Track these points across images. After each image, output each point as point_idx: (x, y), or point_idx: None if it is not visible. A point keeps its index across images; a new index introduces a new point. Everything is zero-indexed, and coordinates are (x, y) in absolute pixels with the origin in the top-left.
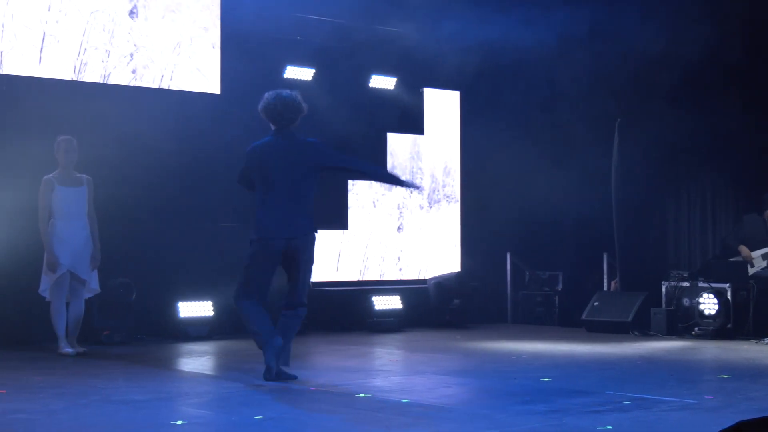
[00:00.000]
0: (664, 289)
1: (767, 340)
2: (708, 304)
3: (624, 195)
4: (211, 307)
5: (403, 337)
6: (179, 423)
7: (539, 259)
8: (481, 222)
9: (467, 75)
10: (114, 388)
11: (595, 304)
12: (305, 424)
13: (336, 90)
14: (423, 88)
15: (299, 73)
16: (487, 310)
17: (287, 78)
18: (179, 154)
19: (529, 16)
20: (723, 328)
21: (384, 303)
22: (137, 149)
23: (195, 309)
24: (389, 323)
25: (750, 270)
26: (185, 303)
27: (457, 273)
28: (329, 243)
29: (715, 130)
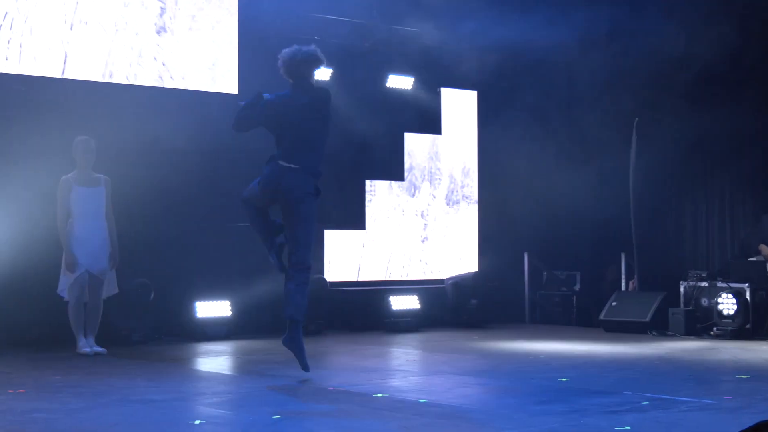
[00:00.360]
0: (682, 289)
1: None
2: (727, 304)
3: (642, 195)
4: (229, 307)
5: (421, 337)
6: (197, 422)
7: (557, 259)
8: (499, 222)
9: (485, 75)
10: (132, 387)
11: (613, 304)
12: (323, 423)
13: (354, 90)
14: (440, 87)
15: (317, 73)
16: (505, 310)
17: None
18: (197, 154)
19: (547, 16)
20: (742, 328)
21: (402, 303)
22: (155, 149)
23: (213, 309)
24: (407, 323)
25: None
26: (203, 303)
27: (475, 273)
28: (347, 243)
29: (734, 129)
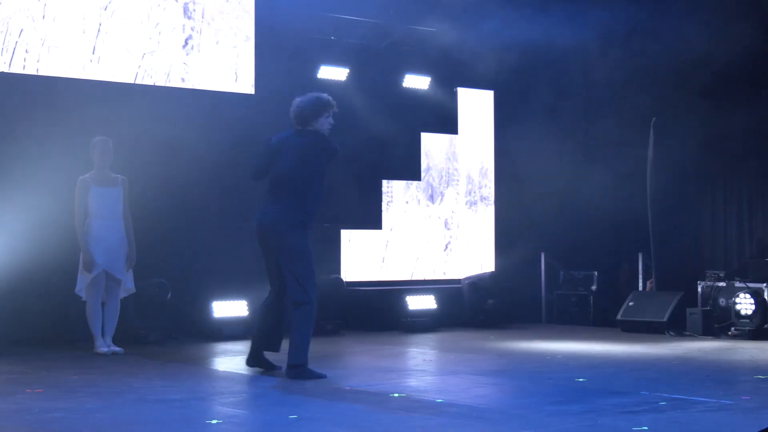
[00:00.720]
0: (700, 289)
1: None
2: (744, 304)
3: (659, 194)
4: (246, 307)
5: (437, 337)
6: (214, 422)
7: (574, 259)
8: (516, 221)
9: (501, 74)
10: (150, 387)
11: (630, 304)
12: (339, 423)
13: (370, 90)
14: (457, 87)
15: (333, 73)
16: (522, 310)
17: (321, 78)
18: (213, 154)
19: (563, 15)
20: (760, 328)
21: (418, 303)
22: (172, 149)
23: (229, 309)
24: (423, 323)
25: None
26: (220, 303)
27: (492, 273)
28: (363, 243)
29: (752, 128)
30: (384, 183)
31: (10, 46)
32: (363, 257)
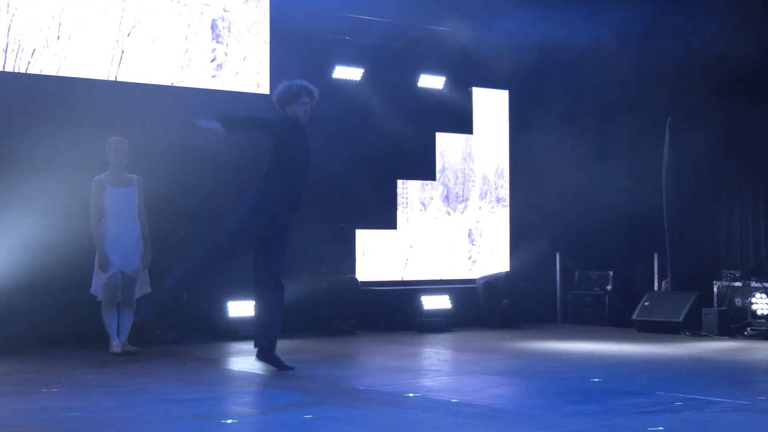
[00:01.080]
0: (715, 289)
1: None
2: (761, 304)
3: (675, 194)
4: None
5: (452, 337)
6: (229, 422)
7: (589, 259)
8: (531, 221)
9: (516, 74)
10: (165, 386)
11: (646, 304)
12: (355, 423)
13: (385, 90)
14: (472, 87)
15: (348, 73)
16: (537, 310)
17: (336, 78)
18: (229, 154)
19: (578, 14)
20: None
21: (433, 303)
22: (187, 149)
23: (245, 309)
24: (438, 323)
25: None
26: (235, 303)
27: (507, 272)
28: (378, 243)
29: None
30: (399, 183)
31: (28, 46)
32: (377, 257)
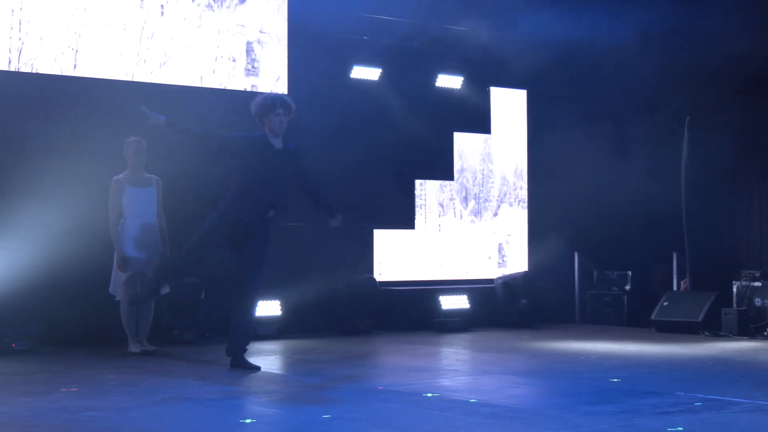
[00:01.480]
0: (735, 289)
1: None
2: None
3: (694, 193)
4: (279, 307)
5: (470, 337)
6: (248, 421)
7: (608, 259)
8: (549, 221)
9: (534, 73)
10: (184, 386)
11: (665, 304)
12: (373, 423)
13: (402, 89)
14: (490, 87)
15: (366, 73)
16: (555, 309)
17: (354, 78)
18: None
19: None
20: None
21: (451, 302)
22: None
23: (263, 308)
24: (456, 323)
25: None
26: None
27: (525, 272)
28: (396, 243)
29: None
30: (417, 184)
31: (49, 47)
32: (395, 257)
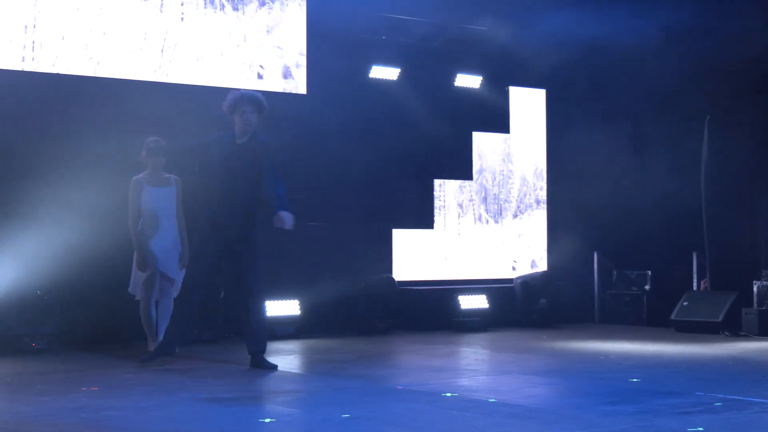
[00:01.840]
0: (755, 289)
1: None
2: None
3: (714, 193)
4: (298, 306)
5: (489, 337)
6: (267, 421)
7: (627, 258)
8: (568, 220)
9: (553, 73)
10: (203, 386)
11: (685, 303)
12: (392, 423)
13: (421, 89)
14: (509, 86)
15: (385, 73)
16: (574, 309)
17: (373, 77)
18: None
19: (615, 13)
20: None
21: (470, 302)
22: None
23: (282, 308)
24: (475, 322)
25: None
26: (272, 302)
27: (544, 272)
28: (415, 242)
29: None
30: (436, 184)
31: (71, 48)
32: (414, 257)
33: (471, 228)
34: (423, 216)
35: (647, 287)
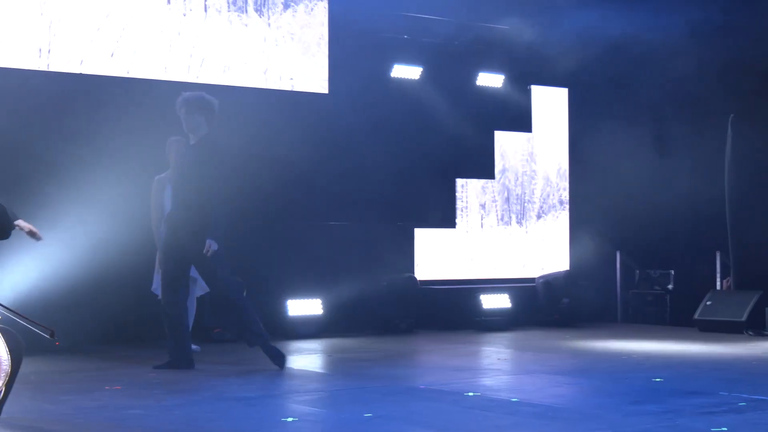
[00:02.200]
0: None
1: None
2: None
3: (738, 192)
4: (320, 306)
5: (512, 336)
6: (290, 420)
7: (650, 258)
8: (591, 220)
9: (575, 72)
10: (226, 385)
11: (708, 303)
12: (414, 422)
13: (443, 88)
14: (531, 85)
15: (407, 72)
16: (597, 309)
17: (395, 77)
18: (288, 153)
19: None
20: None
21: (492, 302)
22: (246, 149)
23: (304, 307)
24: (497, 322)
25: None
26: (294, 301)
27: (566, 271)
28: (438, 242)
29: None
30: (458, 185)
31: (96, 48)
32: (436, 256)
33: (493, 228)
34: (445, 215)
35: (670, 287)
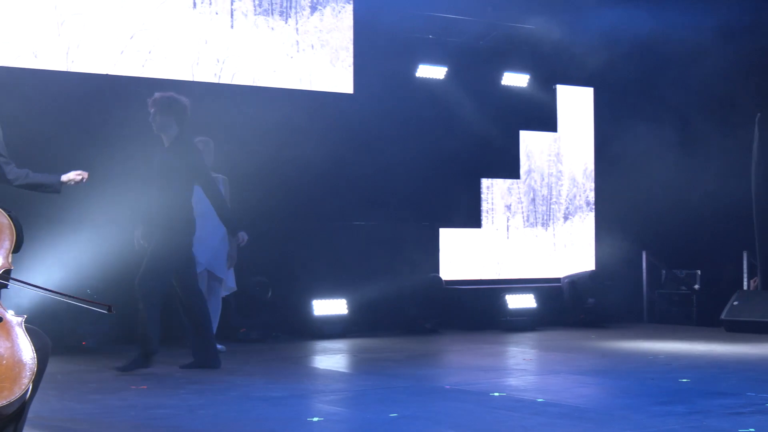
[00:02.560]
0: None
1: None
2: None
3: (765, 191)
4: (346, 306)
5: (537, 336)
6: (315, 420)
7: (676, 257)
8: (617, 219)
9: (601, 71)
10: (251, 384)
11: (735, 303)
12: (440, 422)
13: (468, 88)
14: (556, 85)
15: (432, 72)
16: (623, 309)
17: (420, 77)
18: (313, 153)
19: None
20: None
21: (518, 302)
22: (272, 150)
23: (329, 307)
24: (523, 322)
25: None
26: (320, 301)
27: (592, 271)
28: (463, 242)
29: None
30: (484, 186)
31: (116, 49)
32: (461, 256)
33: (519, 228)
34: (470, 215)
35: (697, 286)
